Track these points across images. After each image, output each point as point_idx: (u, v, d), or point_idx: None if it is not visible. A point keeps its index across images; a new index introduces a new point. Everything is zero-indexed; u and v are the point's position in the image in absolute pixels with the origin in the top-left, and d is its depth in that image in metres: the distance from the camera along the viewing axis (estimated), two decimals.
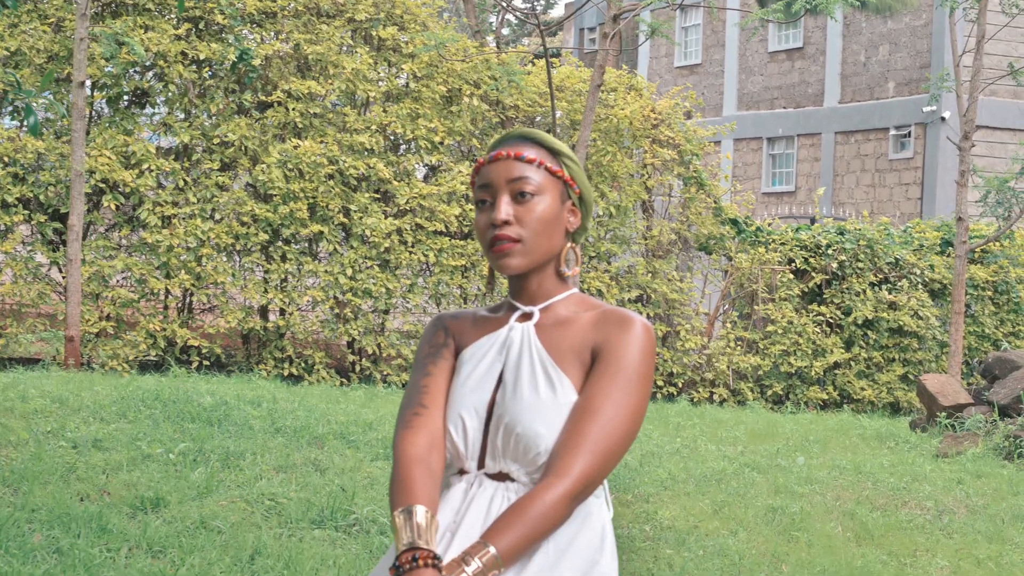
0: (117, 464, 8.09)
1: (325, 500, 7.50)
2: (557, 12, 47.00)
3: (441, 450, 2.99)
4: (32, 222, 13.39)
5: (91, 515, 6.81)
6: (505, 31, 47.41)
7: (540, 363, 2.96)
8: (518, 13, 13.63)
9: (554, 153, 3.06)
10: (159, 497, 7.29)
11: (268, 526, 7.09)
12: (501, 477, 2.94)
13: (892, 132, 29.56)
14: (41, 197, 13.24)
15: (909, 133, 29.13)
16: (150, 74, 14.24)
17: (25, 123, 13.07)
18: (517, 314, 3.09)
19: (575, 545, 2.91)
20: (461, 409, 2.99)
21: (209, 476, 7.89)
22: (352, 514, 7.35)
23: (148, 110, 14.51)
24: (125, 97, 14.24)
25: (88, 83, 13.48)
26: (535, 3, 48.41)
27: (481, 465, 2.97)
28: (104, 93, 13.90)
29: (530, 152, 3.01)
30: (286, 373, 13.94)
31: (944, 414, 12.66)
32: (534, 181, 2.98)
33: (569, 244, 3.09)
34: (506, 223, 2.96)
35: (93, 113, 14.20)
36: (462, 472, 3.00)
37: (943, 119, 24.27)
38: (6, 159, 13.14)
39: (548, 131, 13.75)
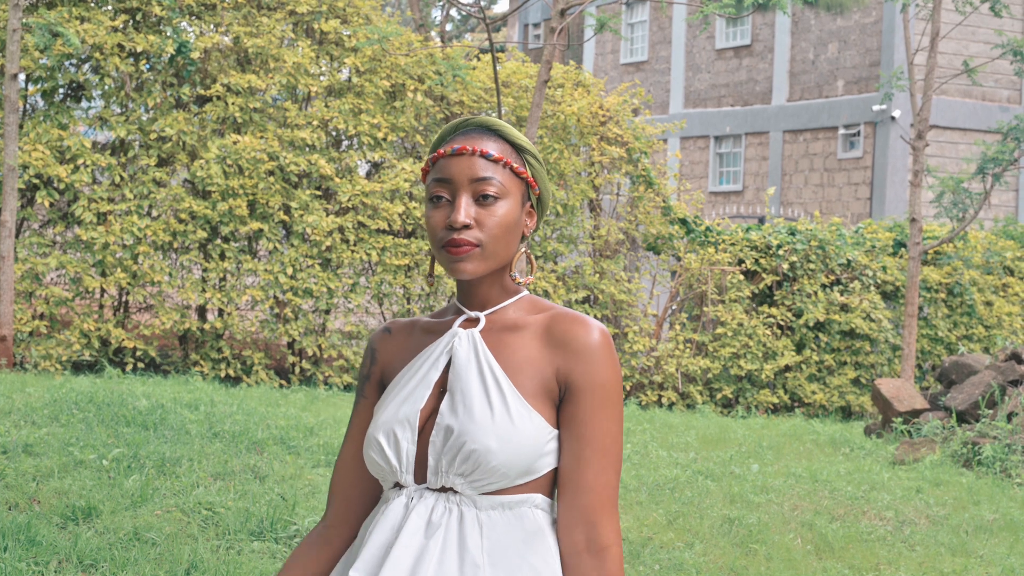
0: (48, 471, 7.76)
1: (264, 510, 7.16)
2: (501, 8, 46.70)
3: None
4: None
5: (19, 526, 6.47)
6: (449, 27, 47.18)
7: (491, 373, 2.72)
8: (462, 7, 13.30)
9: (517, 149, 2.83)
10: (91, 506, 6.95)
11: (205, 538, 6.76)
12: (443, 489, 2.71)
13: (841, 131, 29.45)
14: None
15: (859, 132, 29.03)
16: (86, 67, 13.91)
17: None
18: (462, 319, 2.85)
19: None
20: (393, 423, 2.75)
21: (144, 484, 7.55)
22: (293, 525, 7.02)
23: (84, 104, 14.20)
24: (60, 90, 13.89)
25: (22, 76, 13.16)
26: (482, 2, 48.10)
27: (420, 479, 2.73)
28: (39, 86, 13.55)
29: (495, 149, 2.77)
30: (223, 375, 13.60)
31: (900, 419, 12.48)
32: (498, 183, 2.75)
33: (523, 249, 2.86)
34: (466, 227, 2.71)
35: (27, 107, 13.86)
36: (399, 485, 2.77)
37: (893, 118, 24.16)
38: None
39: None
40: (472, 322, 2.84)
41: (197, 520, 7.02)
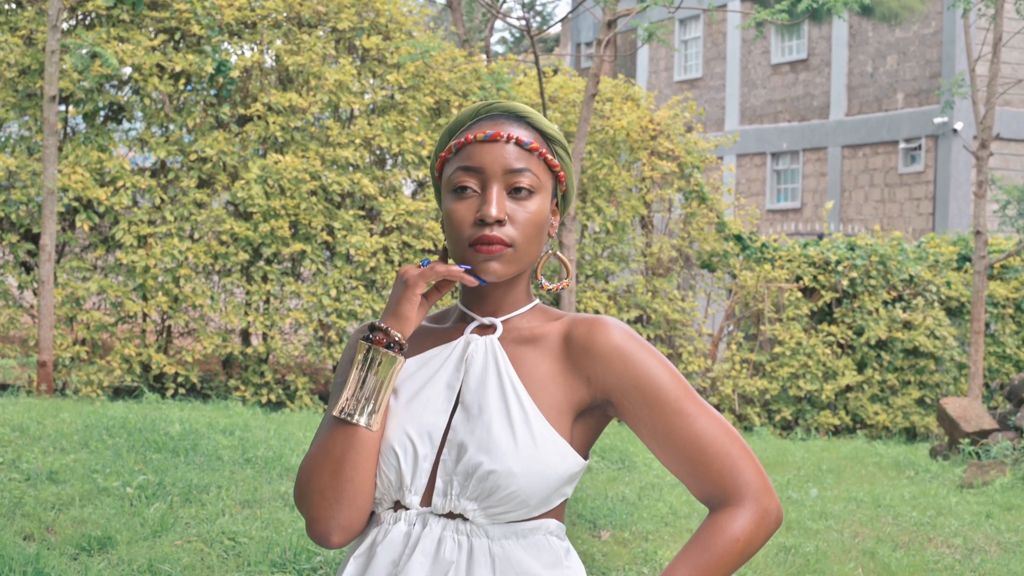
0: (69, 499, 7.45)
1: (289, 539, 6.80)
2: (556, 29, 46.51)
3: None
4: (3, 243, 12.88)
5: (27, 558, 6.15)
6: (502, 48, 47.02)
7: (512, 389, 2.39)
8: (509, 23, 13.00)
9: (548, 139, 2.52)
10: (108, 537, 6.62)
11: (224, 569, 6.41)
12: (450, 515, 2.38)
13: (902, 145, 28.92)
14: (12, 217, 12.81)
15: (920, 146, 28.49)
16: (127, 88, 13.72)
17: None
18: (474, 325, 2.51)
19: None
20: (410, 429, 2.41)
21: (166, 512, 7.21)
22: (317, 556, 6.65)
23: (124, 125, 14.00)
24: (101, 112, 13.70)
25: (61, 98, 12.99)
26: (530, 19, 47.96)
27: (426, 501, 2.40)
28: (80, 108, 13.36)
29: (529, 137, 2.47)
30: (265, 400, 13.30)
31: (967, 440, 12.00)
32: (532, 175, 2.45)
33: (555, 252, 2.55)
34: (499, 222, 2.40)
35: (68, 129, 13.68)
36: (397, 505, 2.43)
37: (955, 131, 23.64)
38: None
39: None
40: (485, 329, 2.51)
41: (218, 550, 6.67)
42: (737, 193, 17.79)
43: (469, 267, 2.42)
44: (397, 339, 2.42)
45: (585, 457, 2.46)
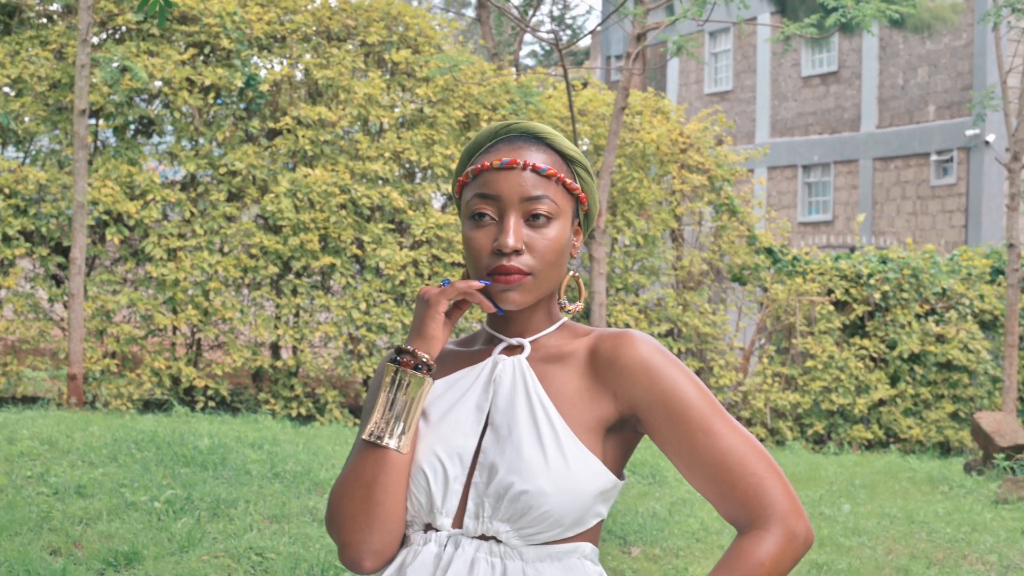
0: (96, 513, 7.43)
1: (317, 555, 6.75)
2: (586, 43, 46.46)
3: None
4: (34, 256, 12.89)
5: (55, 573, 6.13)
6: (532, 62, 47.01)
7: (541, 408, 2.36)
8: (539, 37, 12.97)
9: (567, 160, 2.48)
10: (134, 552, 6.60)
11: None
12: (483, 537, 2.34)
13: (933, 157, 28.77)
14: (43, 230, 12.83)
15: (952, 158, 28.33)
16: (156, 102, 13.74)
17: None
18: (502, 346, 2.48)
19: None
20: (440, 451, 2.38)
21: (194, 527, 7.18)
22: (344, 573, 6.60)
23: (154, 139, 14.02)
24: (131, 126, 13.71)
25: (91, 112, 13.02)
26: (559, 32, 47.97)
27: (457, 523, 2.36)
28: (110, 122, 13.37)
29: (546, 161, 2.42)
30: (295, 413, 13.27)
31: (1002, 455, 11.88)
32: (550, 202, 2.41)
33: (572, 272, 2.53)
34: (516, 252, 2.37)
35: (98, 143, 13.70)
36: (428, 528, 2.39)
37: (987, 143, 23.51)
38: (7, 190, 12.67)
39: None
40: (513, 349, 2.47)
41: (245, 566, 6.64)
42: (768, 206, 17.69)
43: (488, 281, 2.38)
44: (424, 360, 2.39)
45: (620, 476, 2.42)
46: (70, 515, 7.36)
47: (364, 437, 2.38)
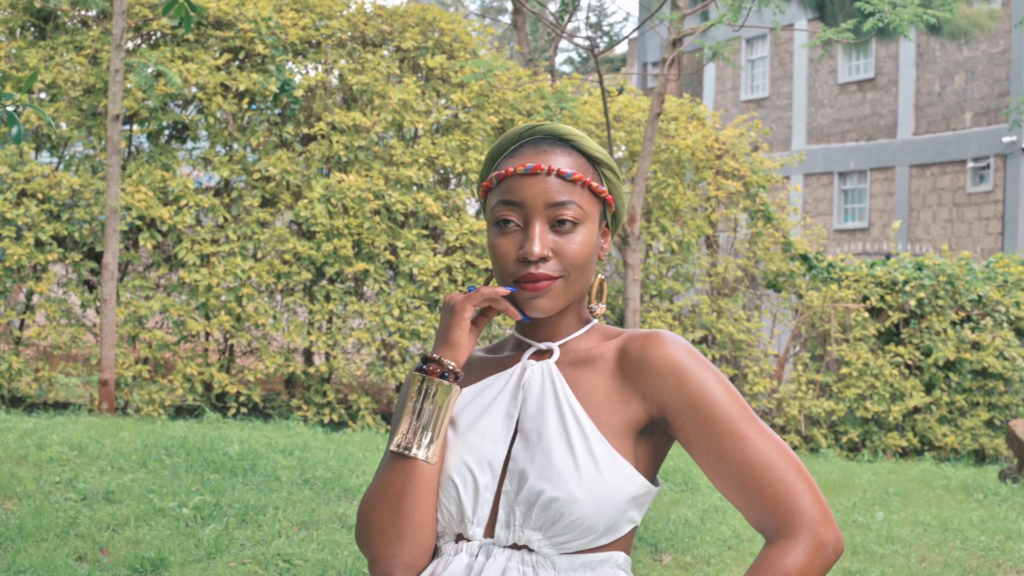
0: (124, 519, 7.41)
1: (345, 562, 6.72)
2: (622, 49, 46.39)
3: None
4: (67, 261, 12.92)
5: None
6: (568, 68, 46.97)
7: (571, 413, 2.31)
8: (575, 43, 12.92)
9: (593, 162, 2.42)
10: (161, 558, 6.57)
11: None
12: (515, 546, 2.29)
13: (970, 164, 28.60)
14: (76, 235, 12.86)
15: (988, 165, 28.16)
16: (191, 107, 13.76)
17: (9, 133, 12.68)
18: (531, 351, 2.44)
19: None
20: (469, 459, 2.34)
21: (222, 533, 7.15)
22: None
23: (188, 144, 14.04)
24: (165, 131, 13.74)
25: (125, 117, 13.05)
26: (596, 39, 47.94)
27: (489, 533, 2.32)
28: (144, 127, 13.40)
29: (571, 166, 2.37)
30: (327, 420, 13.25)
31: None
32: (576, 207, 2.36)
33: (600, 276, 2.47)
34: (543, 259, 2.33)
35: (132, 148, 13.73)
36: (459, 538, 2.35)
37: (1023, 150, 23.37)
38: (40, 196, 12.70)
39: None
40: (542, 354, 2.43)
41: (272, 572, 6.61)
42: (804, 213, 17.56)
43: (515, 288, 2.34)
44: (451, 368, 2.35)
45: (654, 481, 2.37)
46: (97, 521, 7.34)
47: (392, 448, 2.35)
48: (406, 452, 2.32)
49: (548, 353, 2.43)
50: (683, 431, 2.31)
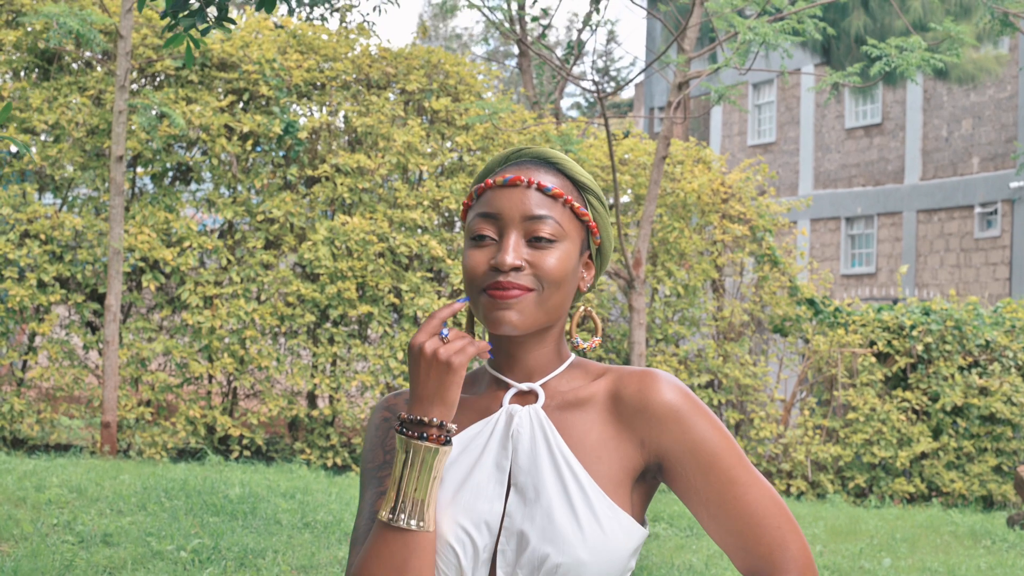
0: (121, 562, 7.32)
1: None
2: (628, 94, 46.46)
3: None
4: (69, 302, 12.88)
5: None
6: (575, 113, 47.04)
7: (566, 466, 2.21)
8: (582, 87, 12.91)
9: (579, 187, 2.30)
10: None
11: None
12: None
13: (977, 209, 28.56)
14: (79, 276, 12.80)
15: (996, 210, 28.12)
16: (195, 149, 13.74)
17: None
18: (511, 393, 2.29)
19: None
20: (465, 522, 2.21)
21: None
22: None
23: (192, 186, 14.02)
24: (169, 173, 13.72)
25: (129, 158, 13.02)
26: (602, 83, 48.03)
27: None
28: (148, 169, 13.38)
29: (554, 183, 2.25)
30: (330, 463, 13.16)
31: None
32: (554, 223, 2.23)
33: (584, 307, 2.34)
34: (515, 269, 2.18)
35: (136, 189, 13.71)
36: None
37: None
38: (43, 236, 12.66)
39: (611, 208, 12.88)
40: (524, 395, 2.30)
41: None
42: (811, 257, 17.50)
43: (467, 299, 2.24)
44: (452, 431, 2.19)
45: (643, 523, 2.28)
46: (94, 564, 7.26)
47: (384, 520, 2.18)
48: (410, 525, 2.18)
49: (531, 394, 2.31)
50: (681, 478, 2.23)
